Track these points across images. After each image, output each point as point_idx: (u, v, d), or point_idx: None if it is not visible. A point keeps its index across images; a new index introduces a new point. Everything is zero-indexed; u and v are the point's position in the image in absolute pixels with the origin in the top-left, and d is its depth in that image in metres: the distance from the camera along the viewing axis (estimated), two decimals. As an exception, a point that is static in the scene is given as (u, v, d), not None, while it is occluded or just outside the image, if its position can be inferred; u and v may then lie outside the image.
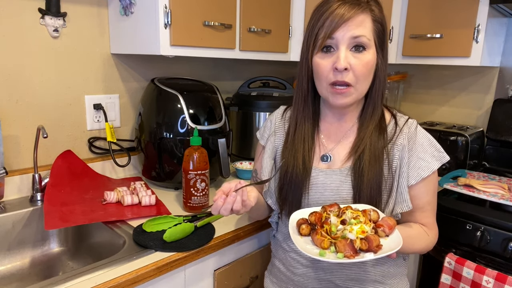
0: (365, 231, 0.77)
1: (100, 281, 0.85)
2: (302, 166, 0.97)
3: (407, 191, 0.93)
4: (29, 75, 1.29)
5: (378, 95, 0.95)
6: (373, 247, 0.74)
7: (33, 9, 1.27)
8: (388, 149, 0.94)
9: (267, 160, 1.05)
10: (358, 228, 0.77)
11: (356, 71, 0.88)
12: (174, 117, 1.34)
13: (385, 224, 0.80)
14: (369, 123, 0.96)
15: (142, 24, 1.28)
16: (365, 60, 0.88)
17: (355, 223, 0.78)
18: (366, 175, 0.91)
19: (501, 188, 1.43)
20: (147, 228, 1.08)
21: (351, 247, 0.74)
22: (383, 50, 0.93)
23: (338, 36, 0.87)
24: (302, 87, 0.98)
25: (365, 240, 0.75)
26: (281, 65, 2.13)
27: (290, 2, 1.64)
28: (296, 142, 0.99)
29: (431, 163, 0.94)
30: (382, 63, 0.93)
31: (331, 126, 1.01)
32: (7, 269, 1.15)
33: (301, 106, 1.00)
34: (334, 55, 0.89)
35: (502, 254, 1.26)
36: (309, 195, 0.97)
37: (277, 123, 1.08)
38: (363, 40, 0.88)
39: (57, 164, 1.33)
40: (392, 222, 0.80)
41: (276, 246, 1.09)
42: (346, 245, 0.75)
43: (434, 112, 2.03)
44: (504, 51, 1.76)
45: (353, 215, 0.81)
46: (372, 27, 0.89)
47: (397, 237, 0.78)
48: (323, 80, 0.91)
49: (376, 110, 0.96)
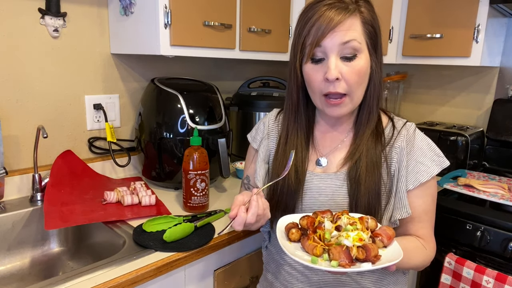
0: (362, 238, 0.69)
1: (100, 281, 0.85)
2: (294, 176, 0.92)
3: (406, 196, 0.88)
4: (29, 75, 1.29)
5: (373, 100, 0.90)
6: (371, 257, 0.67)
7: (33, 9, 1.27)
8: (386, 152, 0.90)
9: (261, 164, 1.00)
10: (355, 235, 0.69)
11: (349, 80, 0.84)
12: (174, 117, 1.34)
13: (384, 234, 0.73)
14: (365, 128, 0.91)
15: (142, 24, 1.28)
16: (357, 68, 0.84)
17: (351, 229, 0.72)
18: (364, 182, 0.87)
19: (501, 188, 1.43)
20: (147, 228, 1.08)
21: (347, 255, 0.66)
22: (376, 52, 0.88)
23: (326, 44, 0.82)
24: (292, 97, 0.94)
25: (362, 249, 0.68)
26: (281, 65, 2.12)
27: (290, 2, 1.64)
28: (287, 151, 0.94)
29: (430, 168, 0.90)
30: (377, 66, 0.88)
31: (327, 131, 0.97)
32: (7, 269, 1.15)
33: (292, 116, 0.95)
34: (324, 65, 0.84)
35: (502, 254, 1.26)
36: (303, 200, 0.92)
37: (270, 126, 1.04)
38: (353, 45, 0.83)
39: (57, 164, 1.33)
40: (391, 232, 0.74)
41: (268, 259, 1.04)
42: (341, 252, 0.67)
43: (434, 112, 2.03)
44: (504, 51, 1.76)
45: (349, 221, 0.74)
46: (362, 30, 0.84)
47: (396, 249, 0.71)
48: (317, 91, 0.87)
49: (372, 115, 0.91)
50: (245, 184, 1.07)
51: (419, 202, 0.91)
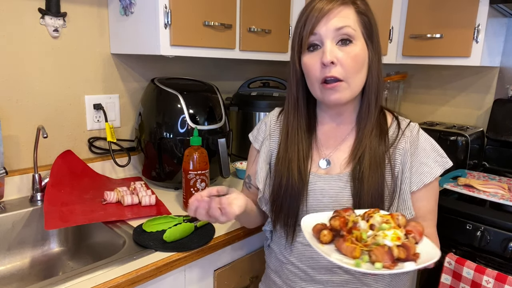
0: (400, 237, 0.66)
1: (100, 281, 0.85)
2: (298, 177, 0.91)
3: (410, 197, 0.89)
4: (29, 75, 1.29)
5: (371, 91, 0.90)
6: (411, 255, 0.65)
7: (33, 9, 1.27)
8: (390, 153, 0.90)
9: (262, 165, 1.00)
10: (393, 234, 0.66)
11: (344, 64, 0.84)
12: (174, 117, 1.34)
13: (415, 230, 0.70)
14: (366, 122, 0.91)
15: (142, 24, 1.28)
16: (353, 53, 0.85)
17: (387, 228, 0.68)
18: (366, 181, 0.86)
19: (501, 188, 1.43)
20: (147, 228, 1.08)
21: (389, 256, 0.64)
22: (373, 43, 0.89)
23: (320, 31, 0.85)
24: (291, 92, 0.95)
25: (403, 248, 0.65)
26: (281, 65, 2.12)
27: (290, 2, 1.64)
28: (289, 152, 0.94)
29: (433, 169, 0.90)
30: (374, 57, 0.88)
31: (329, 128, 0.96)
32: (7, 269, 1.15)
33: (291, 113, 0.95)
34: (320, 51, 0.86)
35: (502, 254, 1.26)
36: (307, 202, 0.92)
37: (272, 126, 1.03)
38: (348, 31, 0.84)
39: (57, 164, 1.33)
40: (421, 227, 0.71)
41: (270, 257, 1.03)
42: (384, 254, 0.64)
43: (434, 112, 2.03)
44: (504, 51, 1.76)
45: (383, 220, 0.70)
46: (356, 18, 0.86)
47: (429, 245, 0.69)
48: (314, 79, 0.88)
49: (371, 107, 0.91)
50: (247, 183, 1.07)
51: (423, 202, 0.91)
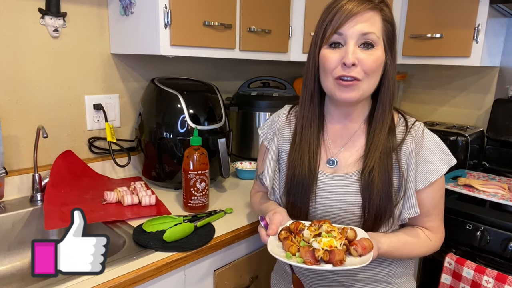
0: (332, 245, 0.81)
1: (100, 281, 0.85)
2: (307, 169, 0.94)
3: (414, 196, 0.90)
4: (29, 75, 1.29)
5: (387, 97, 0.91)
6: (334, 260, 0.78)
7: (33, 9, 1.27)
8: (397, 154, 0.91)
9: (271, 162, 1.02)
10: (327, 241, 0.81)
11: (365, 65, 0.85)
12: (174, 117, 1.34)
13: (359, 244, 0.82)
14: (378, 127, 0.92)
15: (142, 24, 1.28)
16: (375, 56, 0.86)
17: (325, 236, 0.83)
18: (376, 184, 0.88)
19: (501, 188, 1.43)
20: (147, 228, 1.08)
21: (311, 255, 0.80)
22: (392, 51, 0.90)
23: (346, 32, 0.85)
24: (309, 84, 0.95)
25: (328, 252, 0.80)
26: (281, 65, 2.13)
27: (290, 2, 1.64)
28: (302, 144, 0.96)
29: (439, 167, 0.91)
30: (391, 65, 0.90)
31: (337, 127, 0.98)
32: (7, 269, 1.15)
33: (307, 106, 0.96)
34: (342, 50, 0.86)
35: (502, 254, 1.26)
36: (316, 199, 0.94)
37: (281, 123, 1.04)
38: (372, 38, 0.85)
39: (57, 164, 1.33)
40: (367, 243, 0.82)
41: None
42: (307, 252, 0.81)
43: (434, 112, 2.03)
44: (504, 51, 1.76)
45: (327, 229, 0.85)
46: (381, 26, 0.87)
47: (366, 259, 0.81)
48: (329, 73, 0.88)
49: (386, 113, 0.92)
50: (260, 179, 1.08)
51: (428, 199, 0.93)
